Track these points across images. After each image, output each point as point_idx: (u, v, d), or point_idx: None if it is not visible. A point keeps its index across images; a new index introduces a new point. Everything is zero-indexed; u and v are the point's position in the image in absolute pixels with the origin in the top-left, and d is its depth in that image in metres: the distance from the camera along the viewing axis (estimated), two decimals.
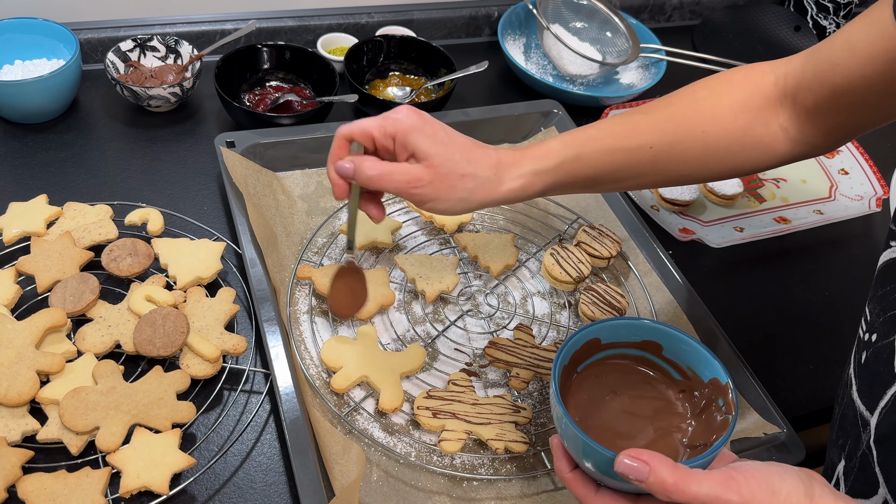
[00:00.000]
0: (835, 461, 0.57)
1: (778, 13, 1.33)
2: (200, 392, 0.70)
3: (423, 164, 0.61)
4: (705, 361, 0.53)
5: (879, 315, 0.53)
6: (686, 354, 0.55)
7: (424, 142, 0.61)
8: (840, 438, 0.57)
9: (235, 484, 0.66)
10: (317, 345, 0.75)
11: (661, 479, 0.44)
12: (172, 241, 0.78)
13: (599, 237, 0.87)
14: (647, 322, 0.55)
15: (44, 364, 0.65)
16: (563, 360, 0.54)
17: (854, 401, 0.55)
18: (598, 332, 0.55)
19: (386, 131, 0.61)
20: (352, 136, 0.63)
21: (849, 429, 0.55)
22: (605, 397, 0.56)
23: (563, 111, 1.01)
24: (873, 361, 0.52)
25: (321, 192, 0.90)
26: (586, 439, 0.47)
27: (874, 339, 0.53)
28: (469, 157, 0.62)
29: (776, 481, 0.45)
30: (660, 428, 0.54)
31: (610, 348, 0.57)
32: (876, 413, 0.51)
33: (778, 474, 0.45)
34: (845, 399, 0.57)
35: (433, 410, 0.70)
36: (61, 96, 0.91)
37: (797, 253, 0.98)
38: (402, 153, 0.62)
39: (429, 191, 0.61)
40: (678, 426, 0.55)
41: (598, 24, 1.18)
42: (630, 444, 0.52)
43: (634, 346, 0.57)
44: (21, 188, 0.85)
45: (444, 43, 1.18)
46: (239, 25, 1.06)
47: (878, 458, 0.50)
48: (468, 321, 0.81)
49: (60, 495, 0.59)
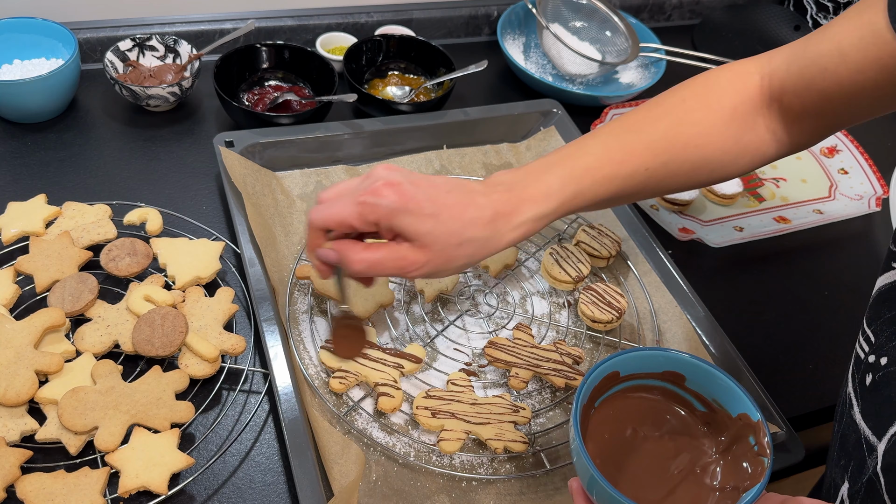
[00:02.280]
0: (838, 482, 0.56)
1: (778, 13, 1.33)
2: (199, 392, 0.70)
3: (415, 245, 0.57)
4: (733, 395, 0.51)
5: (890, 339, 0.51)
6: (711, 386, 0.52)
7: (412, 223, 0.56)
8: (842, 459, 0.55)
9: (234, 484, 0.66)
10: (316, 345, 0.75)
11: None
12: (171, 240, 0.78)
13: (599, 237, 0.87)
14: (670, 352, 0.53)
15: (42, 364, 0.65)
16: (583, 400, 0.50)
17: (857, 423, 0.53)
18: (617, 364, 0.52)
19: (367, 220, 0.57)
20: (327, 227, 0.59)
21: (851, 450, 0.53)
22: (625, 434, 0.53)
23: (563, 111, 1.01)
24: (884, 386, 0.51)
25: (320, 192, 0.89)
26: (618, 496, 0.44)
27: (884, 363, 0.51)
28: (463, 221, 0.57)
29: None
30: (685, 469, 0.52)
31: (629, 380, 0.54)
32: (884, 440, 0.50)
33: None
34: (845, 419, 0.55)
35: (432, 410, 0.69)
36: (60, 96, 0.91)
37: (797, 253, 0.98)
38: (388, 234, 0.58)
39: (427, 270, 0.57)
40: (705, 466, 0.52)
41: (597, 23, 1.17)
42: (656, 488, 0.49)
43: (655, 376, 0.54)
44: (20, 188, 0.85)
45: (444, 42, 1.18)
46: (238, 25, 1.06)
47: (887, 486, 0.49)
48: (467, 321, 0.81)
49: (59, 495, 0.59)
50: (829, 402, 0.82)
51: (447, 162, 0.96)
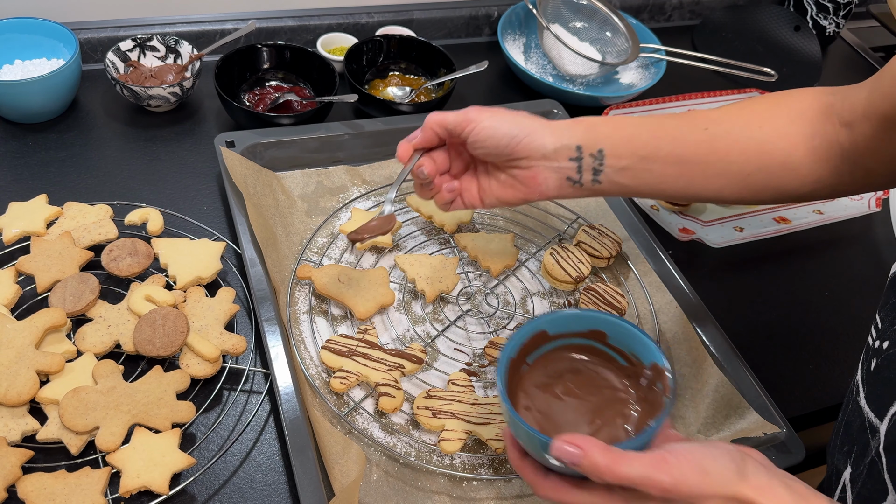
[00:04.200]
0: (840, 467, 0.57)
1: (778, 13, 1.33)
2: (200, 392, 0.70)
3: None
4: (645, 346, 0.55)
5: (893, 323, 0.52)
6: (629, 341, 0.56)
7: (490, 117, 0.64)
8: (845, 445, 0.56)
9: (235, 484, 0.66)
10: (316, 345, 0.75)
11: (593, 461, 0.45)
12: (172, 240, 0.78)
13: (599, 237, 0.87)
14: (591, 311, 0.57)
15: (44, 364, 0.65)
16: (511, 354, 0.55)
17: (861, 407, 0.54)
18: (545, 324, 0.57)
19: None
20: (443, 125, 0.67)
21: (855, 435, 0.55)
22: (554, 387, 0.57)
23: (563, 111, 1.01)
24: (885, 368, 0.52)
25: (321, 192, 0.90)
26: (528, 428, 0.49)
27: (885, 347, 0.52)
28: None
29: (707, 461, 0.46)
30: (606, 414, 0.56)
31: (558, 339, 0.58)
32: (886, 420, 0.51)
33: (710, 454, 0.46)
34: (851, 406, 0.56)
35: (433, 410, 0.70)
36: (61, 96, 0.91)
37: (797, 253, 0.98)
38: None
39: None
40: (623, 411, 0.56)
41: (597, 23, 1.18)
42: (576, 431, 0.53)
43: (581, 335, 0.58)
44: (21, 188, 0.85)
45: (444, 43, 1.18)
46: (239, 25, 1.06)
47: (888, 465, 0.50)
48: (468, 321, 0.81)
49: (60, 495, 0.59)
50: (829, 402, 0.82)
51: None
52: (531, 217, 0.93)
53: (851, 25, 1.45)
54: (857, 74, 1.33)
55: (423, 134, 0.68)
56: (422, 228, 0.90)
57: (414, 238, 0.88)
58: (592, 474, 0.46)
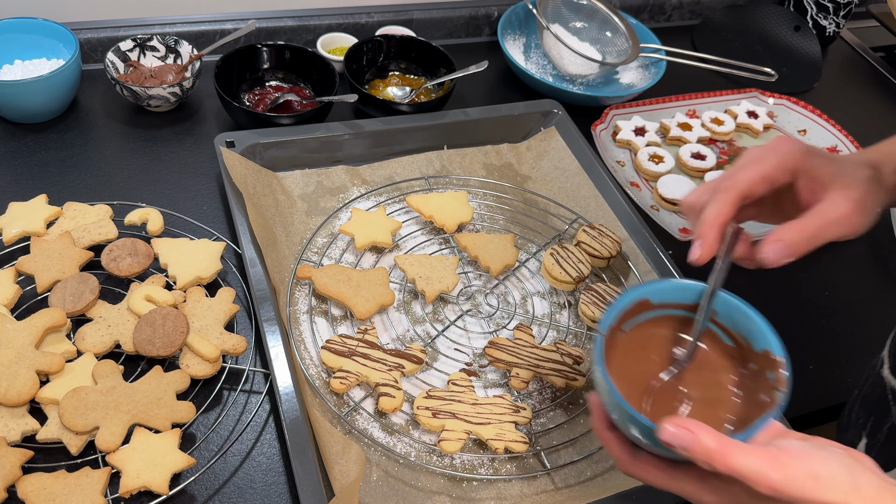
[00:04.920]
0: (854, 441, 0.56)
1: (778, 13, 1.33)
2: (200, 392, 0.70)
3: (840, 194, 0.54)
4: (759, 330, 0.51)
5: None
6: (740, 322, 0.53)
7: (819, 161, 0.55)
8: (861, 418, 0.56)
9: (235, 484, 0.66)
10: (316, 345, 0.75)
11: (705, 447, 0.43)
12: (172, 240, 0.78)
13: (599, 237, 0.87)
14: (701, 284, 0.53)
15: (43, 364, 0.65)
16: (611, 322, 0.51)
17: (884, 378, 0.53)
18: (649, 293, 0.53)
19: (785, 168, 0.56)
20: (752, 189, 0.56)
21: (873, 407, 0.54)
22: (650, 360, 0.54)
23: (563, 111, 1.01)
24: None
25: (321, 192, 0.90)
26: (630, 410, 0.46)
27: None
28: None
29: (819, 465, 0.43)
30: (704, 397, 0.53)
31: (661, 309, 0.54)
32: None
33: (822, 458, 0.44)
34: (871, 380, 0.56)
35: (433, 410, 0.69)
36: (61, 96, 0.91)
37: None
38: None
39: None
40: (723, 397, 0.53)
41: (597, 23, 1.18)
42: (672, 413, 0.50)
43: (686, 307, 0.54)
44: (21, 188, 0.85)
45: (444, 43, 1.18)
46: (238, 25, 1.06)
47: None
48: (468, 321, 0.81)
49: (60, 495, 0.59)
50: (829, 402, 0.82)
51: (448, 162, 0.96)
52: (531, 217, 0.93)
53: (851, 25, 1.45)
54: (857, 74, 1.33)
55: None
56: (422, 228, 0.90)
57: (414, 238, 0.88)
58: (701, 460, 0.44)
